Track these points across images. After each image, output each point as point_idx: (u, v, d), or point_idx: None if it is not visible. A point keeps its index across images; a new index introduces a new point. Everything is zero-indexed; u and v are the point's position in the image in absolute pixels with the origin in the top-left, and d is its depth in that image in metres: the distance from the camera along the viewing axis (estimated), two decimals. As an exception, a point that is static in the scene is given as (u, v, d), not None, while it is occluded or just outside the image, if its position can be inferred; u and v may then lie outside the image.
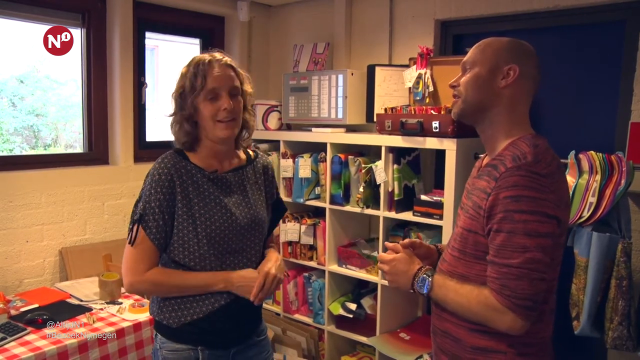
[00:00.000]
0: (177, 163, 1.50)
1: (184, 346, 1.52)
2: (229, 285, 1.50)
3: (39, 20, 2.73)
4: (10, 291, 2.57)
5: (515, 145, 1.27)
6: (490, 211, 1.23)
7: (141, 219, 1.47)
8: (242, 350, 1.59)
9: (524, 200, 1.18)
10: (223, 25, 3.55)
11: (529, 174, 1.19)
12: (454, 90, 1.38)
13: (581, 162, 2.16)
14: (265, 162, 1.71)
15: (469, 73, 1.34)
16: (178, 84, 1.52)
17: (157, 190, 1.47)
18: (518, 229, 1.18)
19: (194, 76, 1.48)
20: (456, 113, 1.39)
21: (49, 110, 3.06)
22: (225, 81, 1.50)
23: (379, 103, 2.82)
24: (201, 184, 1.51)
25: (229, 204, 1.53)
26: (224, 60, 1.51)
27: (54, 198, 2.74)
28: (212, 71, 1.48)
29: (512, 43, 1.33)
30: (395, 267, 1.40)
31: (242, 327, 1.59)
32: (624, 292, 2.01)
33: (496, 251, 1.22)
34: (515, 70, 1.29)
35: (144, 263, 1.48)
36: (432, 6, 2.84)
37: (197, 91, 1.47)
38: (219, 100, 1.49)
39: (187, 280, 1.50)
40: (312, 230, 2.91)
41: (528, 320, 1.21)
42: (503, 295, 1.20)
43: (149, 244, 1.47)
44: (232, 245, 1.53)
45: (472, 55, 1.35)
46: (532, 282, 1.18)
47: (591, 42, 2.49)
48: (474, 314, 1.27)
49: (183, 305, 1.51)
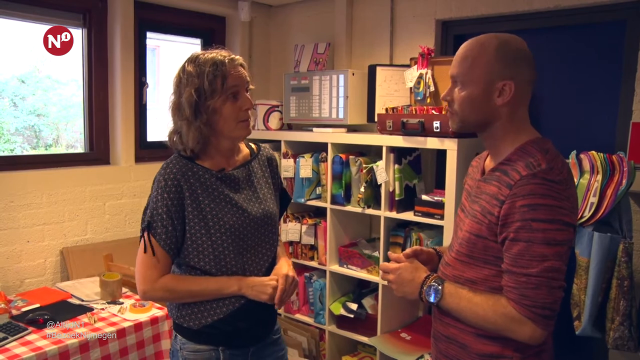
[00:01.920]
0: (184, 166, 1.47)
1: (206, 347, 1.51)
2: (242, 288, 1.49)
3: (39, 20, 2.73)
4: (12, 291, 2.57)
5: (525, 151, 1.25)
6: (506, 219, 1.20)
7: (149, 226, 1.45)
8: (260, 349, 1.59)
9: (542, 208, 1.16)
10: (224, 25, 3.55)
11: (545, 182, 1.17)
12: (449, 106, 1.34)
13: (582, 162, 2.15)
14: (269, 153, 1.69)
15: (462, 91, 1.28)
16: (190, 87, 1.43)
17: (164, 196, 1.44)
18: (537, 237, 1.16)
19: (214, 77, 1.43)
20: (455, 128, 1.36)
21: (50, 110, 3.06)
22: (243, 79, 1.48)
23: (380, 103, 2.82)
24: (209, 184, 1.49)
25: (240, 200, 1.52)
26: (237, 59, 1.49)
27: (55, 198, 2.74)
28: (231, 71, 1.45)
29: (501, 51, 1.25)
30: (400, 275, 1.37)
31: (261, 326, 1.58)
32: (625, 292, 2.00)
33: (513, 260, 1.20)
34: (511, 87, 1.24)
35: (156, 270, 1.46)
36: (432, 6, 2.84)
37: (217, 93, 1.43)
38: (239, 100, 1.47)
39: (200, 285, 1.49)
40: (313, 230, 2.91)
41: (547, 329, 1.20)
42: (522, 305, 1.18)
43: (160, 251, 1.45)
44: (247, 242, 1.52)
45: (462, 71, 1.29)
46: (551, 291, 1.17)
47: (592, 42, 2.49)
48: (491, 324, 1.24)
49: (202, 307, 1.50)
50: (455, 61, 1.31)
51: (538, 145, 1.26)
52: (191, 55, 1.50)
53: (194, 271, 1.51)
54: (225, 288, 1.48)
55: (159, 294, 1.49)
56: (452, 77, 1.32)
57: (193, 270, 1.51)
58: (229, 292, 1.49)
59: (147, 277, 1.47)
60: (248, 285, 1.49)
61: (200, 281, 1.49)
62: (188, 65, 1.47)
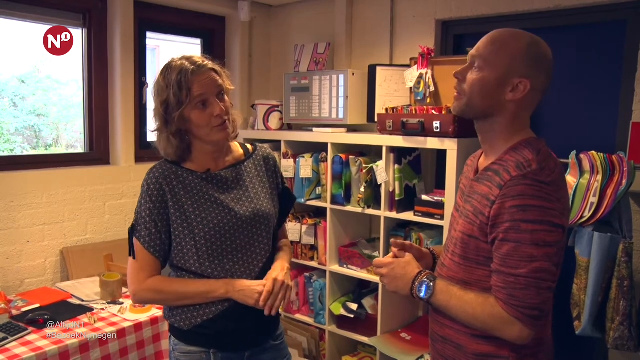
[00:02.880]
0: (167, 170, 1.50)
1: (196, 348, 1.51)
2: (230, 291, 1.48)
3: (39, 20, 2.73)
4: (12, 291, 2.57)
5: (518, 151, 1.25)
6: (495, 220, 1.21)
7: (134, 229, 1.49)
8: (256, 354, 1.57)
9: (531, 209, 1.16)
10: (224, 25, 3.55)
11: (535, 183, 1.17)
12: (458, 84, 1.32)
13: (582, 162, 2.15)
14: (265, 153, 1.68)
15: (477, 73, 1.26)
16: (159, 98, 1.46)
17: (147, 199, 1.48)
18: (525, 238, 1.16)
19: (179, 89, 1.42)
20: (456, 110, 1.33)
21: (50, 110, 3.07)
22: (211, 86, 1.46)
23: (380, 103, 2.82)
24: (193, 186, 1.50)
25: (226, 200, 1.52)
26: (205, 65, 1.46)
27: (55, 198, 2.74)
28: (196, 79, 1.43)
29: (531, 48, 1.24)
30: (393, 270, 1.37)
31: (255, 329, 1.55)
32: (625, 292, 2.00)
33: (502, 260, 1.20)
34: (526, 86, 1.23)
35: (143, 272, 1.48)
36: (432, 6, 2.84)
37: (184, 104, 1.43)
38: (209, 107, 1.46)
39: (188, 287, 1.49)
40: (313, 230, 2.91)
41: (535, 329, 1.20)
42: (510, 305, 1.19)
43: (145, 253, 1.48)
44: (235, 242, 1.51)
45: (485, 52, 1.26)
46: (539, 292, 1.17)
47: (592, 42, 2.49)
48: (479, 323, 1.24)
49: (192, 306, 1.50)
50: (481, 42, 1.29)
51: (531, 145, 1.25)
52: (166, 63, 1.50)
53: (181, 272, 1.52)
54: (212, 291, 1.48)
55: (147, 295, 1.51)
56: (471, 57, 1.30)
57: (180, 272, 1.52)
58: (216, 295, 1.48)
59: (136, 279, 1.49)
60: (235, 288, 1.48)
61: (188, 283, 1.50)
62: (160, 75, 1.49)
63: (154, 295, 1.51)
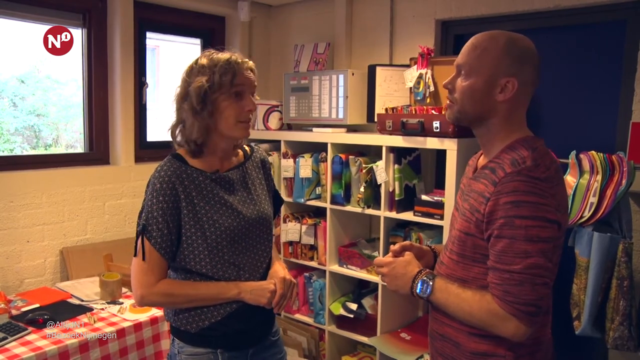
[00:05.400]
0: (178, 169, 1.46)
1: (204, 350, 1.50)
2: (241, 292, 1.48)
3: (39, 20, 2.73)
4: (11, 291, 2.57)
5: (514, 148, 1.26)
6: (490, 216, 1.21)
7: (145, 230, 1.44)
8: (258, 351, 1.58)
9: (525, 205, 1.17)
10: (224, 25, 3.55)
11: (528, 179, 1.18)
12: (449, 94, 1.35)
13: (582, 162, 2.15)
14: (262, 155, 1.69)
15: (465, 81, 1.29)
16: (201, 77, 1.44)
17: (159, 199, 1.43)
18: (519, 234, 1.17)
19: (225, 72, 1.44)
20: (451, 118, 1.36)
21: (50, 110, 3.06)
22: (250, 82, 1.51)
23: (380, 103, 2.82)
24: (204, 186, 1.48)
25: (234, 202, 1.52)
26: (249, 63, 1.53)
27: (54, 198, 2.74)
28: (242, 71, 1.48)
29: (510, 47, 1.26)
30: (394, 269, 1.39)
31: (259, 328, 1.57)
32: (625, 292, 2.00)
33: (497, 257, 1.21)
34: (514, 84, 1.25)
35: (153, 275, 1.44)
36: (432, 6, 2.84)
37: (224, 88, 1.45)
38: (243, 100, 1.48)
39: (199, 290, 1.47)
40: (312, 230, 2.91)
41: (532, 326, 1.20)
42: (506, 301, 1.19)
43: (156, 255, 1.43)
44: (242, 244, 1.51)
45: (469, 59, 1.29)
46: (535, 288, 1.17)
47: (592, 42, 2.49)
48: (477, 320, 1.25)
49: (200, 309, 1.49)
50: (463, 50, 1.31)
51: (527, 143, 1.27)
52: (206, 51, 1.52)
53: (190, 274, 1.50)
54: (223, 293, 1.48)
55: (157, 299, 1.48)
56: (457, 66, 1.32)
57: (189, 274, 1.50)
58: (227, 296, 1.48)
59: (143, 282, 1.45)
60: (246, 289, 1.49)
61: (199, 286, 1.48)
62: (202, 58, 1.49)
63: (164, 298, 1.48)
